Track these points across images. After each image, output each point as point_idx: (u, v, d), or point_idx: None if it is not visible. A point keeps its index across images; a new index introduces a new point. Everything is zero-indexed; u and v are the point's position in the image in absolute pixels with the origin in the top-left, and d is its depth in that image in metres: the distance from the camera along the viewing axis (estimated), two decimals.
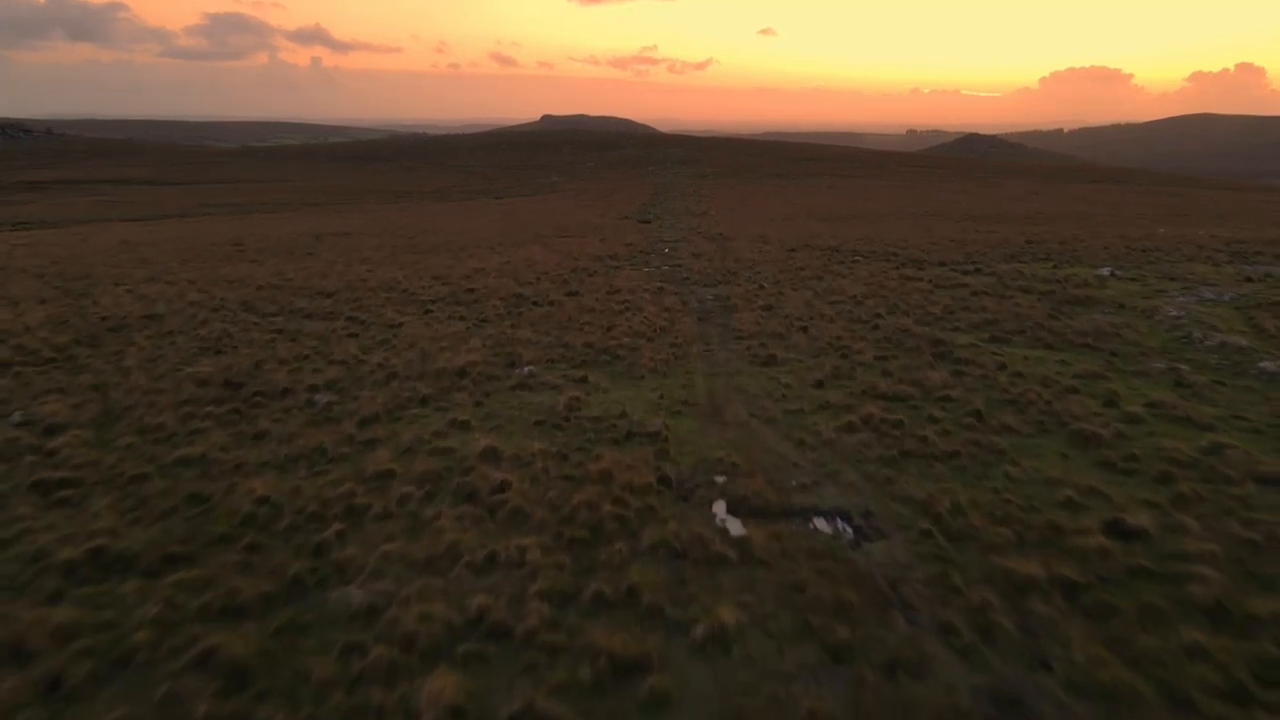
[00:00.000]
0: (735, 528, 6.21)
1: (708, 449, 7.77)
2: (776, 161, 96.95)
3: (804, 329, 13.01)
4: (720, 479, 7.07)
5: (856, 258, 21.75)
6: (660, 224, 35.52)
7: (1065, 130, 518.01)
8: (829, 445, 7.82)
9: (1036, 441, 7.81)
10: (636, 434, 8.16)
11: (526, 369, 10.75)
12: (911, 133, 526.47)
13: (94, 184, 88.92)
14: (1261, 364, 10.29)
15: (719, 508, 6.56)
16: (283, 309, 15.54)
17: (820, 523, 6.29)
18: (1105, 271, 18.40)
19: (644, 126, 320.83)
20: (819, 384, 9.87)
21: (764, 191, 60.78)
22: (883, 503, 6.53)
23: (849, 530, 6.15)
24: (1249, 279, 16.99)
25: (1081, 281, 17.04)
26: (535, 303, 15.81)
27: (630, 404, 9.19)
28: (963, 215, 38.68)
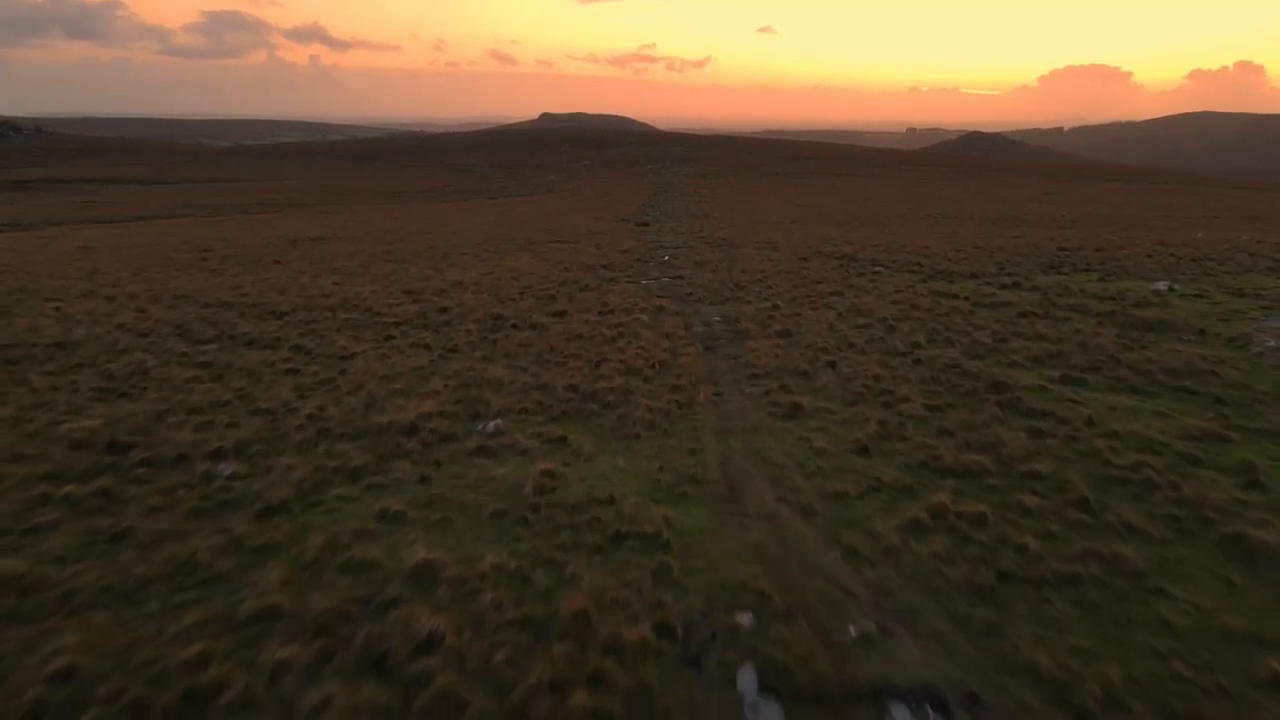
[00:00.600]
0: None
1: (726, 563, 5.62)
2: (777, 160, 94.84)
3: (831, 364, 10.86)
4: (745, 620, 4.93)
5: (877, 268, 19.60)
6: (660, 227, 33.39)
7: (1065, 128, 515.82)
8: (892, 558, 5.67)
9: (1180, 553, 5.66)
10: (628, 536, 6.01)
11: (492, 424, 8.59)
12: (911, 131, 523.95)
13: (82, 184, 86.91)
14: None
15: (746, 681, 4.41)
16: (221, 334, 13.37)
17: (902, 715, 4.14)
18: (1162, 286, 16.24)
19: (643, 125, 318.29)
20: (862, 449, 7.72)
21: (767, 191, 58.67)
22: (992, 676, 4.39)
23: None
24: None
25: (1140, 299, 14.89)
26: (515, 326, 13.65)
27: (620, 481, 7.04)
28: (980, 217, 36.57)
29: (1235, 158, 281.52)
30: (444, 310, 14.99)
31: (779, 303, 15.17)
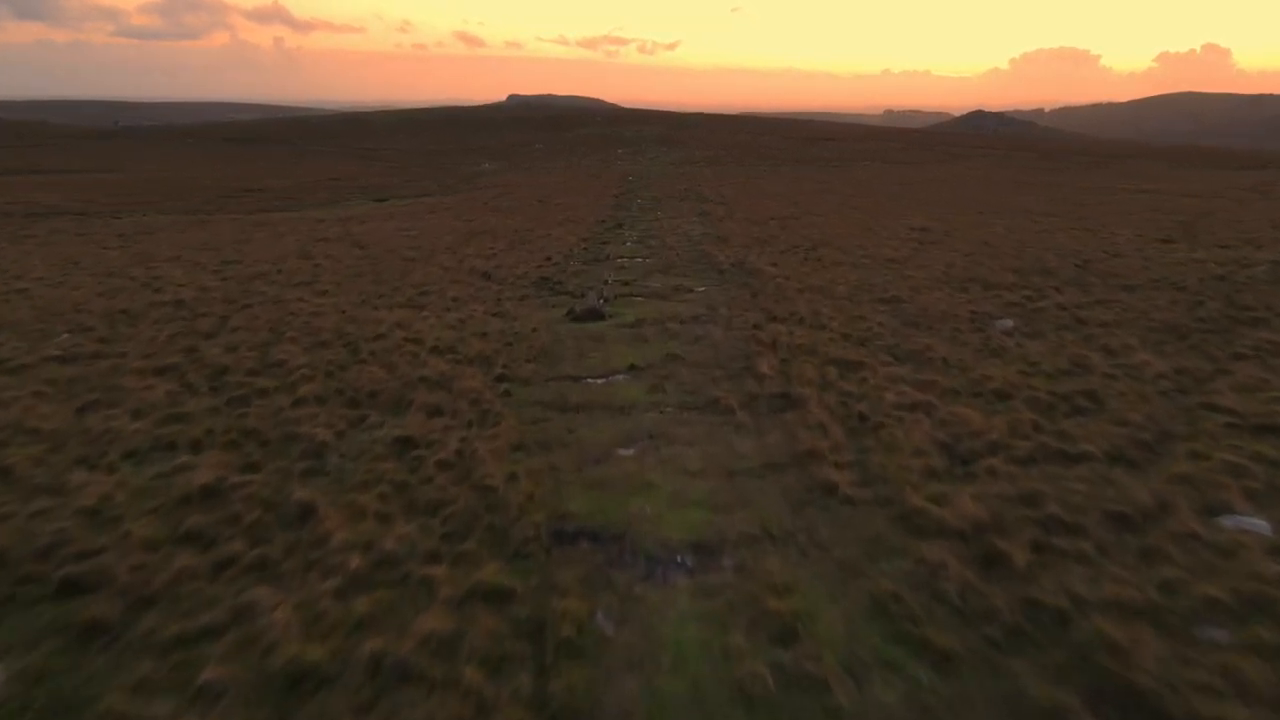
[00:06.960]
0: None
1: None
2: (786, 142, 73.26)
3: None
4: None
5: None
6: (640, 325, 11.46)
7: (1046, 110, 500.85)
8: None
9: None
10: None
11: None
12: (889, 113, 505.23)
13: None
14: None
15: None
16: None
17: None
18: None
19: (614, 106, 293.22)
20: None
21: (811, 193, 36.86)
22: None
23: None
24: None
25: None
26: None
27: None
28: None
29: (1234, 139, 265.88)
30: None
31: None
